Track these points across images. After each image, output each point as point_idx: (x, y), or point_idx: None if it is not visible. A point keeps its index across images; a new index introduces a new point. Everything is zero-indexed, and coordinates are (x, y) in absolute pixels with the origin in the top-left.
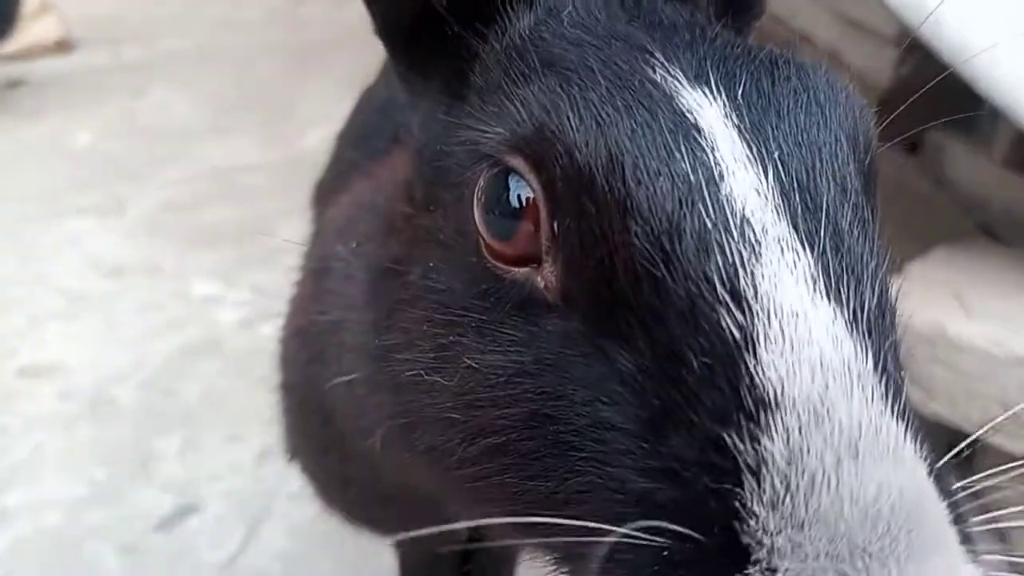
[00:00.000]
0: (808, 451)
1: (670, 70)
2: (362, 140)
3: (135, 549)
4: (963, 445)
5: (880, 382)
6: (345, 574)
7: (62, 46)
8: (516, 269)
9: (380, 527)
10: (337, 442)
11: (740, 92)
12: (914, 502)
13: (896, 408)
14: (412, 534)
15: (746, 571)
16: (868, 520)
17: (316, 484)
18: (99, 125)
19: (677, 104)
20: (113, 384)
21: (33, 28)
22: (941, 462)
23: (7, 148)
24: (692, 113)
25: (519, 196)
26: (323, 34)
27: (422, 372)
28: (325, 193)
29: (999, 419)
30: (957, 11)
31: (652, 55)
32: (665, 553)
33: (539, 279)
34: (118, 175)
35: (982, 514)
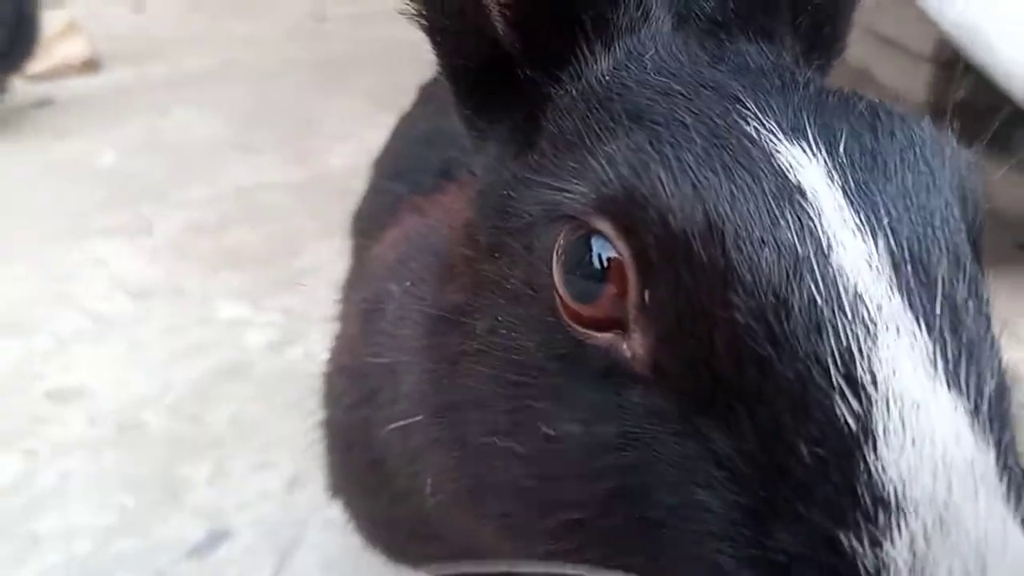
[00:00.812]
0: (935, 562)
1: (764, 123)
2: (406, 173)
3: None
4: None
5: (1003, 483)
6: None
7: (88, 66)
8: (598, 335)
9: (426, 564)
10: (385, 484)
11: (842, 147)
12: None
13: (1020, 512)
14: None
15: None
16: None
17: (359, 522)
18: (125, 144)
19: (776, 163)
20: (141, 409)
21: (60, 48)
22: None
23: (34, 167)
24: (793, 172)
25: (601, 257)
26: (346, 52)
27: (494, 437)
28: (367, 226)
29: None
30: (1010, 37)
31: (744, 105)
32: None
33: (625, 347)
34: (143, 194)
35: None
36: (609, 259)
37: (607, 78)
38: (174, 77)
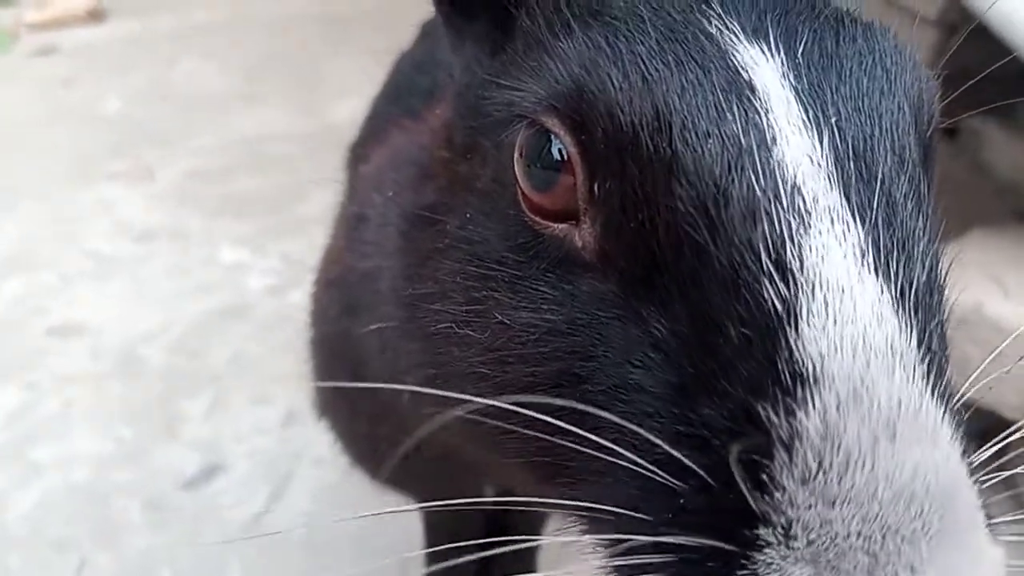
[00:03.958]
0: (845, 429)
1: (727, 22)
2: (398, 97)
3: (161, 506)
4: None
5: (923, 362)
6: (368, 538)
7: (94, 15)
8: (554, 225)
9: (405, 488)
10: (367, 397)
11: (800, 50)
12: (948, 485)
13: (936, 389)
14: (434, 505)
15: (757, 530)
16: (902, 501)
17: (344, 441)
18: (130, 93)
19: (731, 60)
20: (142, 344)
21: None
22: (977, 452)
23: (40, 114)
24: (747, 71)
25: (560, 150)
26: (352, 9)
27: (453, 324)
28: (359, 151)
29: None
30: None
31: (708, 5)
32: (681, 500)
33: (576, 237)
34: (148, 142)
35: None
36: (567, 152)
37: None
38: (181, 29)
